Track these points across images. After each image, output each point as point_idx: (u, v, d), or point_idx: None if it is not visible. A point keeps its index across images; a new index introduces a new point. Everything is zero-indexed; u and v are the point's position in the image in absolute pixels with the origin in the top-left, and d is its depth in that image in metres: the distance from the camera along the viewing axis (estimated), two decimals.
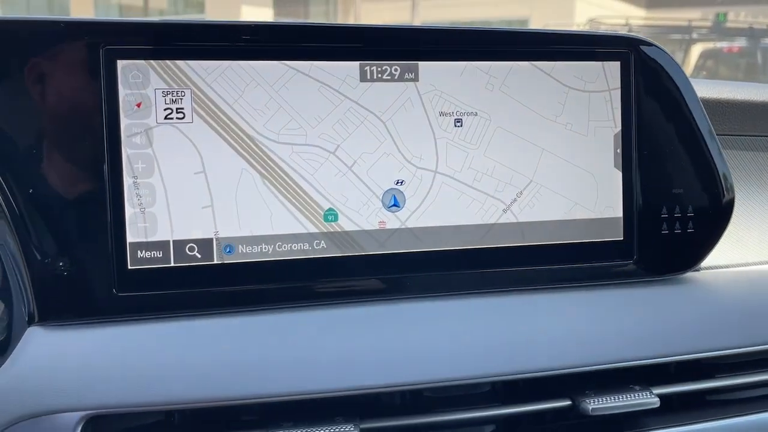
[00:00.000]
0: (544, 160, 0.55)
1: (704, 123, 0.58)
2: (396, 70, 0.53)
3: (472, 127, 0.54)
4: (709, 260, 0.59)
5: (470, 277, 0.54)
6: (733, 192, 0.58)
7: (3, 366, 0.46)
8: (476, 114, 0.54)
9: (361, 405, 0.50)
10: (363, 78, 0.52)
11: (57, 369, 0.45)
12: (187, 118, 0.49)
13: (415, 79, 0.53)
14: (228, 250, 0.50)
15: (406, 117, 0.53)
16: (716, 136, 0.58)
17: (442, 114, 0.54)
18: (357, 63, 0.52)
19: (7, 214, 0.47)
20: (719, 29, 8.93)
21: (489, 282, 0.54)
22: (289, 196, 0.51)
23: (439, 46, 0.53)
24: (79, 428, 0.45)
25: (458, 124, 0.54)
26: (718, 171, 0.58)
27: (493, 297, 0.54)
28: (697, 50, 8.58)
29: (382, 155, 0.53)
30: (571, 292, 0.55)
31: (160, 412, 0.48)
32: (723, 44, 8.50)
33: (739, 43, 8.40)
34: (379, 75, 0.52)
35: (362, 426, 0.48)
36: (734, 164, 0.73)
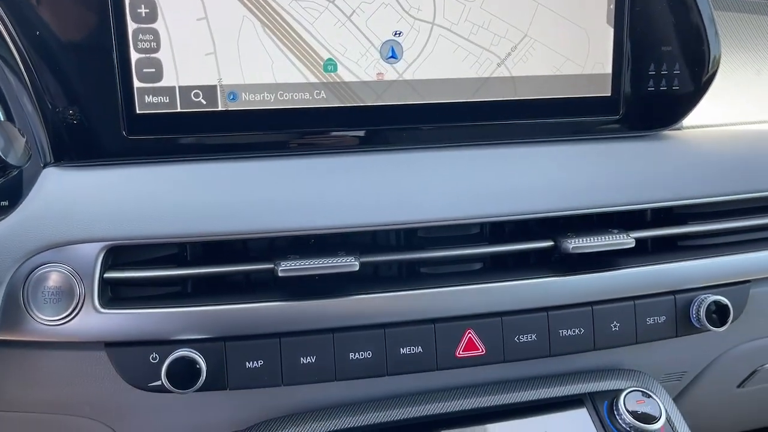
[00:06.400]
0: (539, 15, 0.56)
1: None
2: None
3: None
4: (693, 120, 0.62)
5: (464, 130, 0.57)
6: (719, 52, 0.59)
7: (25, 201, 0.48)
8: None
9: (360, 244, 0.55)
10: None
11: (76, 203, 0.49)
12: None
13: None
14: (232, 97, 0.52)
15: None
16: None
17: None
18: None
19: (19, 63, 0.48)
20: None
21: (481, 134, 0.57)
22: (289, 44, 0.52)
23: None
24: (100, 258, 0.49)
25: None
26: (706, 31, 0.59)
27: (484, 148, 0.57)
28: None
29: (381, 5, 0.53)
30: (558, 144, 0.58)
31: (174, 245, 0.51)
32: None
33: None
34: None
35: (362, 260, 0.52)
36: (725, 26, 0.74)
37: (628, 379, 0.61)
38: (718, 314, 0.58)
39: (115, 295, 0.51)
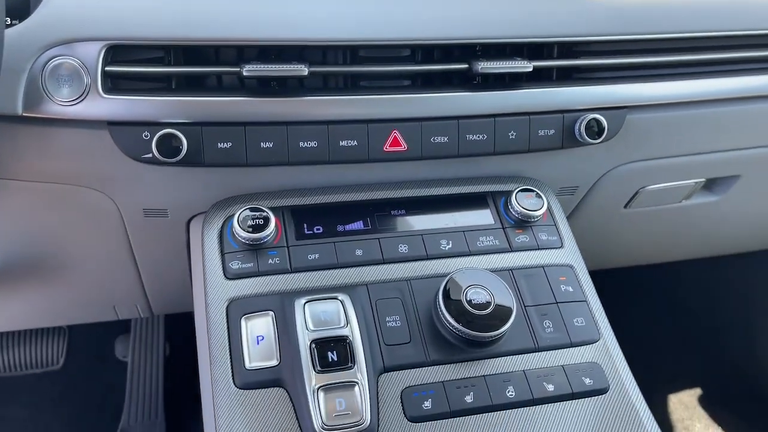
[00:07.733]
0: None
1: None
2: None
3: None
4: None
5: None
6: None
7: (38, 8, 0.61)
8: None
9: (313, 60, 0.68)
10: None
11: (80, 9, 0.61)
12: None
13: None
14: None
15: None
16: None
17: None
18: None
19: None
20: None
21: None
22: None
23: None
24: (101, 54, 0.62)
25: None
26: None
27: None
28: None
29: None
30: None
31: (160, 48, 0.64)
32: None
33: None
34: None
35: (311, 69, 0.65)
36: None
37: (524, 184, 0.77)
38: (597, 130, 0.72)
39: (114, 86, 0.64)
